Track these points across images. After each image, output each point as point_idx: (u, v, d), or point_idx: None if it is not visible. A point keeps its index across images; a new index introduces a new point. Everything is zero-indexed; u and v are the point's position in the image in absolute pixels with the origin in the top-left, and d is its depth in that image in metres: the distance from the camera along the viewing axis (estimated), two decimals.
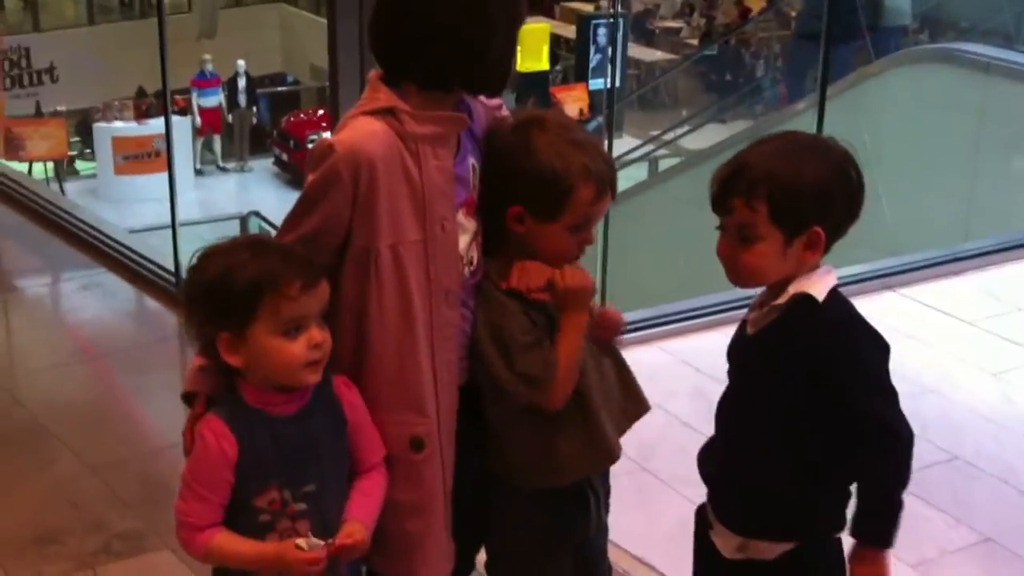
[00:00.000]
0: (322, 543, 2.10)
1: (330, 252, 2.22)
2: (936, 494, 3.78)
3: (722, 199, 2.20)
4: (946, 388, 4.52)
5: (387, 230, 2.19)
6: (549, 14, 20.50)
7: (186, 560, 3.33)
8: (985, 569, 3.45)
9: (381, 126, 2.19)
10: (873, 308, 4.79)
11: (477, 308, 2.32)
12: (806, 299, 2.19)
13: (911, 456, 2.21)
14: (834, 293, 2.22)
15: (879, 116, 8.70)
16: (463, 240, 2.29)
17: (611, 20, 14.12)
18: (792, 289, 2.20)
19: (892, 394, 2.21)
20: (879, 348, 2.21)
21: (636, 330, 4.61)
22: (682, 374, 4.50)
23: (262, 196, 16.65)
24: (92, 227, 6.17)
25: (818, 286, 2.20)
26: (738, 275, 2.23)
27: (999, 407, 4.42)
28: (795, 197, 2.15)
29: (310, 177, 2.20)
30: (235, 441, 2.11)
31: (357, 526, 2.18)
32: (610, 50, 14.81)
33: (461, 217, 2.29)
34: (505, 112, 2.43)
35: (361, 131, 2.18)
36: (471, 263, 2.32)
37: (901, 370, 4.44)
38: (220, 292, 2.10)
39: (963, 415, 4.34)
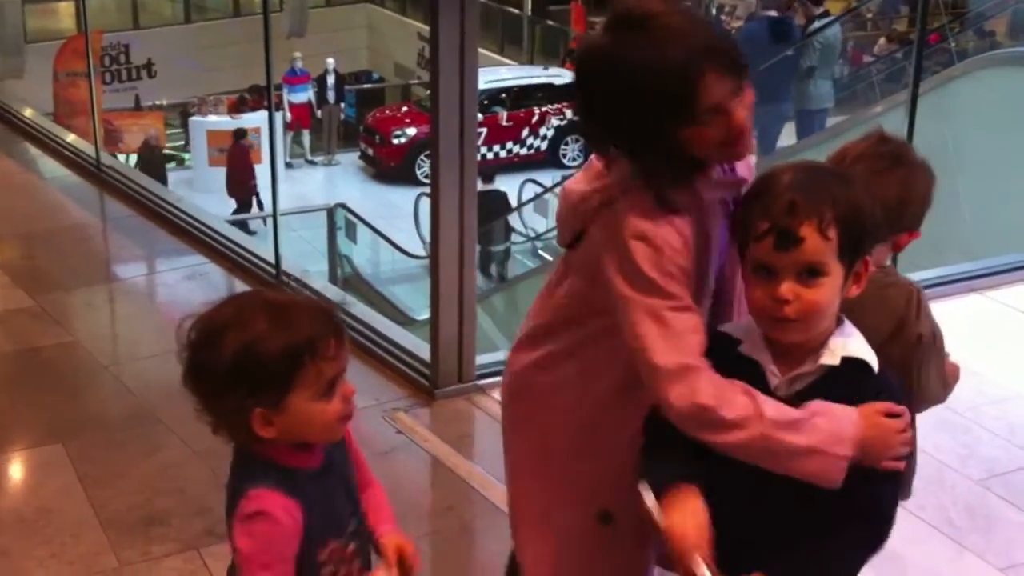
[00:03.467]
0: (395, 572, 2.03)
1: None
2: None
3: (791, 229, 1.86)
4: None
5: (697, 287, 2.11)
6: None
7: None
8: None
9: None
10: (958, 311, 4.75)
11: None
12: (862, 366, 1.94)
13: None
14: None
15: (961, 120, 8.53)
16: None
17: None
18: (837, 348, 1.92)
19: None
20: None
21: None
22: None
23: (348, 189, 16.79)
24: (195, 219, 6.24)
25: (863, 348, 1.95)
26: (804, 320, 1.89)
27: None
28: (863, 221, 1.90)
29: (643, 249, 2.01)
30: (300, 507, 1.91)
31: (401, 537, 2.08)
32: None
33: None
34: None
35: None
36: None
37: (989, 373, 4.42)
38: (250, 369, 1.85)
39: None
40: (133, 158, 14.94)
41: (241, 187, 14.67)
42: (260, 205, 14.16)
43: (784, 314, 1.87)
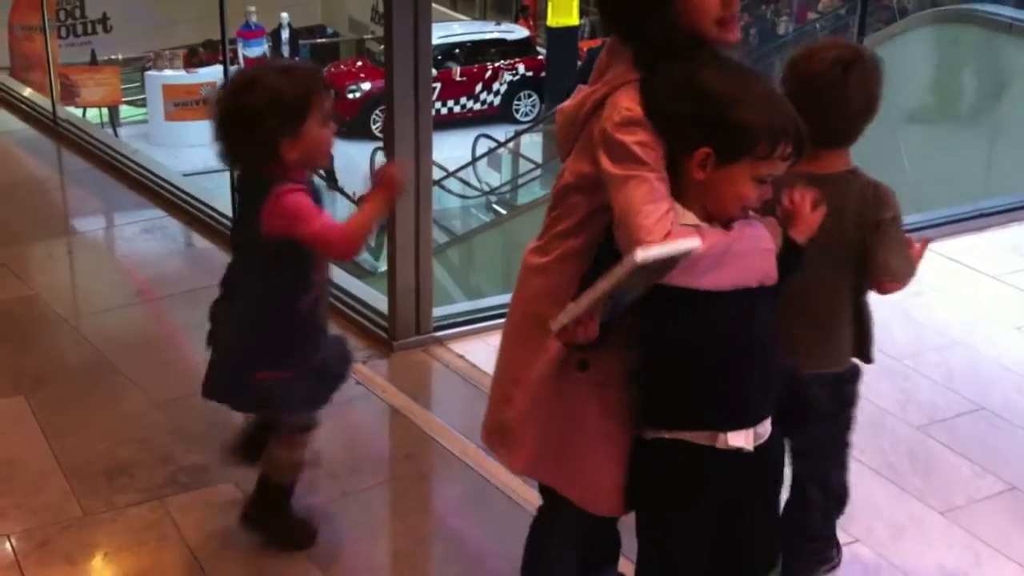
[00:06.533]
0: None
1: None
2: (964, 443, 3.75)
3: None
4: (972, 340, 4.47)
5: None
6: None
7: (247, 491, 3.35)
8: (1012, 517, 3.42)
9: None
10: None
11: None
12: None
13: None
14: None
15: (902, 74, 8.57)
16: None
17: None
18: None
19: None
20: None
21: None
22: None
23: None
24: (152, 172, 6.16)
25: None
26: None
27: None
28: None
29: (627, 138, 2.13)
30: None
31: None
32: None
33: None
34: None
35: (636, 99, 2.16)
36: None
37: (929, 322, 4.48)
38: (278, 106, 2.69)
39: (989, 367, 4.28)
40: (91, 113, 14.70)
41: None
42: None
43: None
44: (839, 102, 2.49)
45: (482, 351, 4.25)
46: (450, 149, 14.57)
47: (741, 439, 2.25)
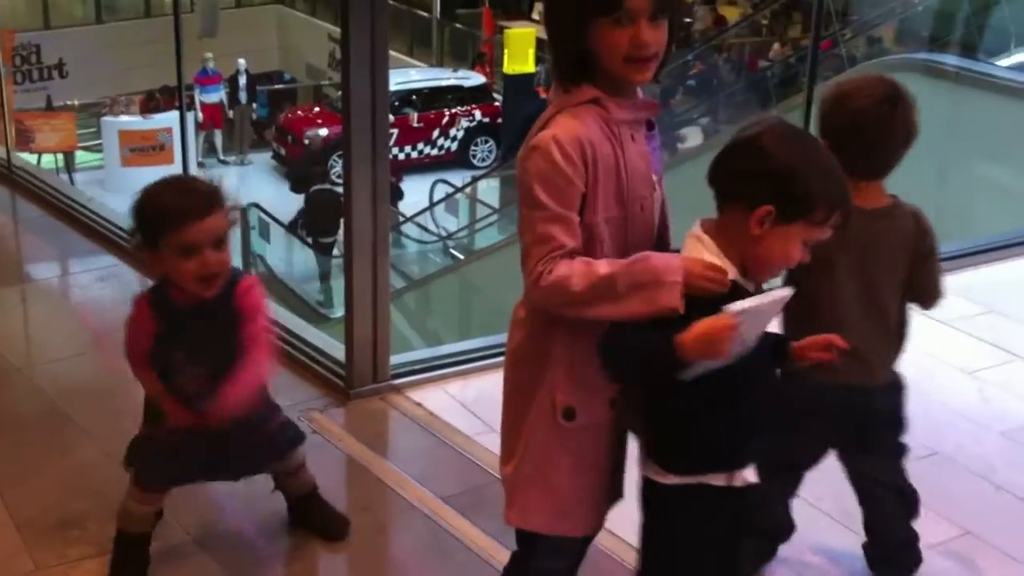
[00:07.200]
0: None
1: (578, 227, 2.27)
2: (917, 488, 3.75)
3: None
4: (925, 386, 4.47)
5: (602, 206, 2.27)
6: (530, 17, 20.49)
7: (205, 543, 3.29)
8: (965, 562, 3.43)
9: (591, 115, 2.25)
10: None
11: None
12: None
13: None
14: None
15: None
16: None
17: None
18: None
19: None
20: None
21: None
22: None
23: (261, 188, 16.58)
24: (106, 220, 6.10)
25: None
26: None
27: (975, 405, 4.40)
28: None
29: (539, 165, 2.22)
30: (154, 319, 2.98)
31: None
32: None
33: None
34: None
35: (576, 121, 2.25)
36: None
37: None
38: (137, 214, 2.79)
39: (941, 412, 4.31)
40: (46, 159, 14.58)
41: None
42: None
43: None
44: (887, 136, 2.70)
45: (440, 399, 4.22)
46: (408, 194, 14.59)
47: (752, 474, 2.35)
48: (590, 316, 2.23)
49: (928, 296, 2.87)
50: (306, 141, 17.62)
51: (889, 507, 3.08)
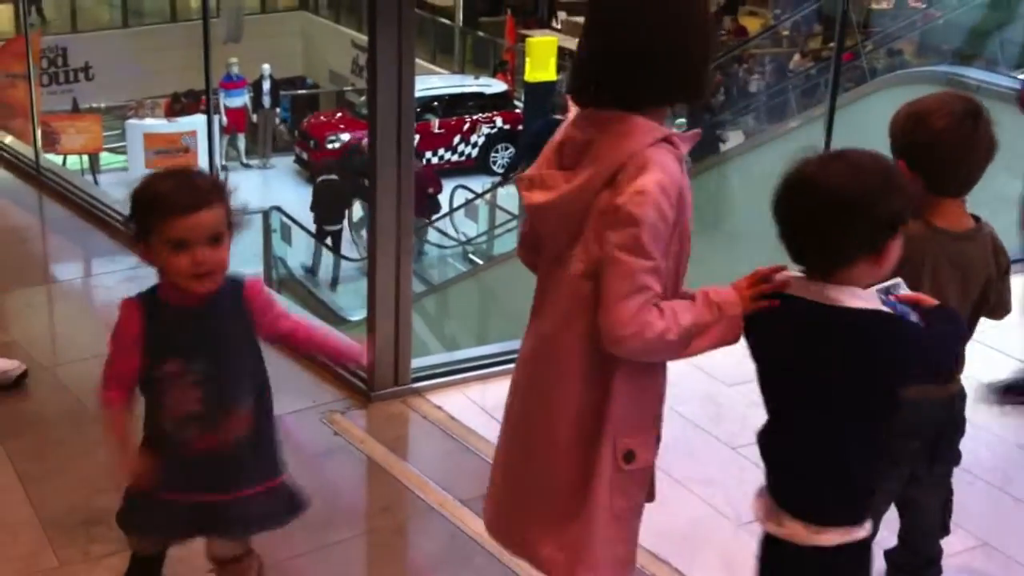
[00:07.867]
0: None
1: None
2: None
3: None
4: None
5: (674, 243, 2.24)
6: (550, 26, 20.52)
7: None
8: (982, 573, 3.42)
9: (671, 156, 2.21)
10: None
11: None
12: None
13: None
14: None
15: (871, 134, 8.66)
16: None
17: None
18: None
19: None
20: None
21: None
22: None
23: (283, 192, 16.64)
24: None
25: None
26: None
27: (993, 417, 4.38)
28: None
29: (649, 215, 2.15)
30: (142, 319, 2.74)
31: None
32: None
33: None
34: None
35: (673, 163, 2.20)
36: None
37: None
38: (134, 202, 2.54)
39: None
40: (71, 160, 14.68)
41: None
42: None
43: None
44: (970, 153, 2.65)
45: (460, 402, 4.24)
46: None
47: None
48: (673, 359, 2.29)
49: (1001, 310, 2.91)
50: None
51: (931, 518, 3.05)
